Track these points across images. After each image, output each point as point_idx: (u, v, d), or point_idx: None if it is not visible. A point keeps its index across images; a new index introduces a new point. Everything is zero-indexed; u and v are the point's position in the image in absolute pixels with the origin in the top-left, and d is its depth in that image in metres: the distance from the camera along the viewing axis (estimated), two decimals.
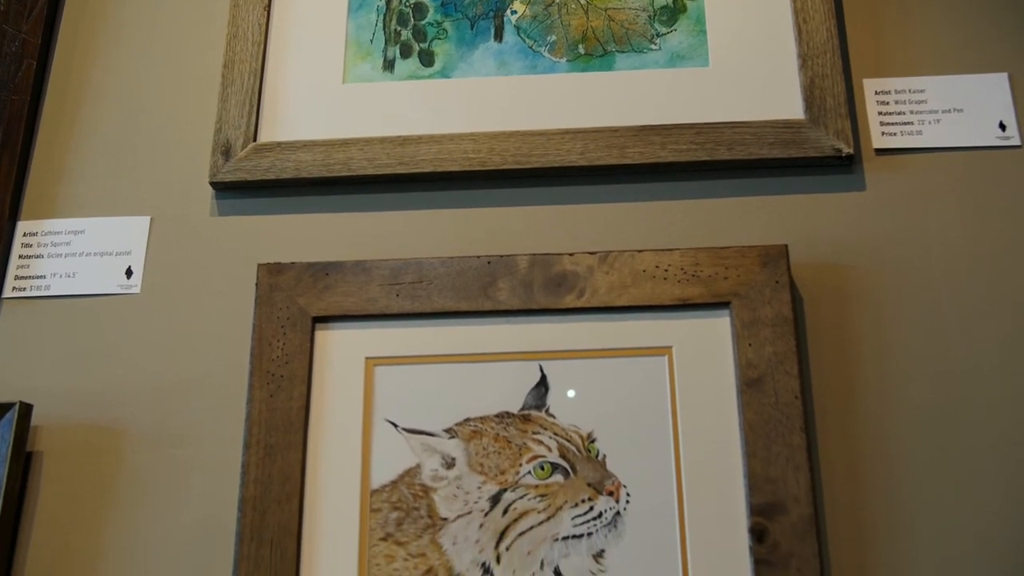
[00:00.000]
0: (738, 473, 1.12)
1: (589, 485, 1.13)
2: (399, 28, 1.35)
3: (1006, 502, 1.12)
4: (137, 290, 1.26)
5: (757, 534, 1.09)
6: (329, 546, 1.13)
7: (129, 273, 1.27)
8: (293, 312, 1.20)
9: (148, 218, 1.30)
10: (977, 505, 1.12)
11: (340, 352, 1.20)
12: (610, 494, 1.13)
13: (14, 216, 1.30)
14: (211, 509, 1.16)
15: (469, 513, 1.13)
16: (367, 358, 1.19)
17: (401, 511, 1.14)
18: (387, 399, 1.18)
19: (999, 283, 1.20)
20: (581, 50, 1.32)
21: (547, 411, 1.17)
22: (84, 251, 1.28)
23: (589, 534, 1.12)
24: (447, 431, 1.16)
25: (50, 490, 1.18)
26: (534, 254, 1.21)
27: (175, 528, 1.16)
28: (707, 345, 1.17)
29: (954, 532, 1.11)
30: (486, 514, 1.13)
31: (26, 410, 1.18)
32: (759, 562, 1.08)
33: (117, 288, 1.26)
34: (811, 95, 1.27)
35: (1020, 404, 1.15)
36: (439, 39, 1.35)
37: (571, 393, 1.16)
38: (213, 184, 1.29)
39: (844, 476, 1.14)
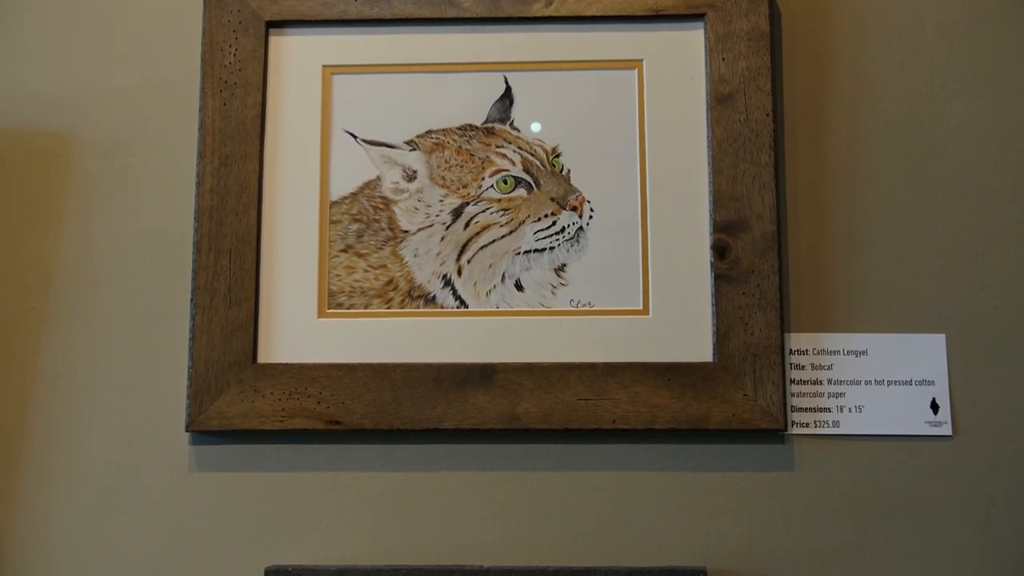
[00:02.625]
0: (703, 190, 1.11)
1: (552, 200, 1.12)
2: None
3: (967, 224, 1.12)
4: None
5: (719, 250, 1.09)
6: (288, 257, 1.12)
7: None
8: (245, 16, 1.13)
9: None
10: (937, 226, 1.12)
11: (296, 59, 1.14)
12: (573, 209, 1.12)
13: None
14: (167, 219, 1.14)
15: (431, 226, 1.12)
16: (324, 66, 1.14)
17: (361, 223, 1.12)
18: (346, 109, 1.14)
19: (981, 1, 1.15)
20: None
21: (511, 124, 1.13)
22: None
23: (551, 248, 1.11)
24: (408, 143, 1.13)
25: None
26: None
27: (131, 237, 1.14)
28: (679, 59, 1.13)
29: (912, 251, 1.12)
30: (448, 227, 1.12)
31: None
32: (719, 277, 1.09)
33: None
34: None
35: (989, 127, 1.13)
36: None
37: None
38: None
39: (809, 195, 1.13)
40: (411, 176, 1.13)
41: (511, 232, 1.11)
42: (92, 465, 1.11)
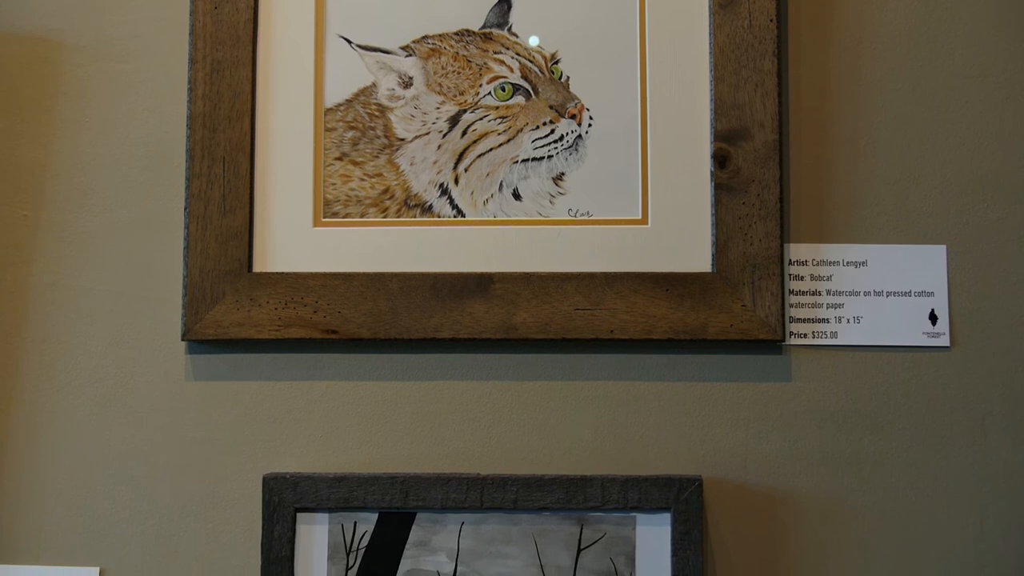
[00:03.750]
0: (704, 98, 1.09)
1: (551, 107, 1.10)
2: None
3: (970, 135, 1.11)
4: None
5: (720, 159, 1.08)
6: (283, 165, 1.10)
7: None
8: None
9: None
10: (940, 136, 1.11)
11: None
12: (572, 117, 1.10)
13: None
14: (159, 126, 1.12)
15: (427, 134, 1.10)
16: None
17: (357, 131, 1.11)
18: (340, 13, 1.11)
19: None
20: None
21: (510, 30, 1.11)
22: None
23: (549, 157, 1.10)
24: (404, 49, 1.11)
25: None
26: None
27: (123, 144, 1.12)
28: None
29: (914, 162, 1.10)
30: (444, 135, 1.10)
31: None
32: (720, 187, 1.08)
33: None
34: None
35: (998, 35, 1.11)
36: None
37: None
38: None
39: (812, 103, 1.11)
40: (407, 83, 1.11)
41: (509, 140, 1.10)
42: (88, 375, 1.11)
